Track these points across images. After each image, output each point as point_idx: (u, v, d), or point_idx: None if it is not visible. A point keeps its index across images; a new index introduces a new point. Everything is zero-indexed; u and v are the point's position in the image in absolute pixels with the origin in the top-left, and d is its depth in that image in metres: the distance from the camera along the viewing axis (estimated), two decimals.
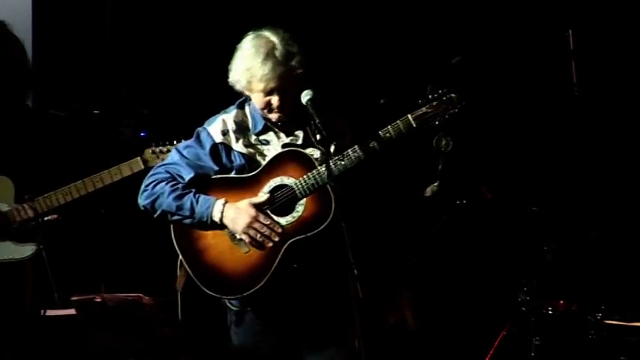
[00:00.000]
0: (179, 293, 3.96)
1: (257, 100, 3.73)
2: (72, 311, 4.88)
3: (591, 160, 5.49)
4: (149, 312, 4.88)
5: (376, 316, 5.37)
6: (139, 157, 4.47)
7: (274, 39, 3.70)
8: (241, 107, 3.84)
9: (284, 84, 3.68)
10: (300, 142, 3.79)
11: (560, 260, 4.91)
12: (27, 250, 4.35)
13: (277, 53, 3.67)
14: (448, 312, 5.55)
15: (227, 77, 3.78)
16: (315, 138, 3.71)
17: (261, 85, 3.68)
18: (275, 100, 3.70)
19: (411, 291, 5.47)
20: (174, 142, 4.49)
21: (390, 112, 3.86)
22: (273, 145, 3.79)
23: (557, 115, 5.56)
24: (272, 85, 3.67)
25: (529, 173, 5.59)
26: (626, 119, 5.52)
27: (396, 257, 5.35)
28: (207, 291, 3.70)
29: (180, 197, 3.71)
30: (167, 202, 3.72)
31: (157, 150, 4.50)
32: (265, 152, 3.78)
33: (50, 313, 4.74)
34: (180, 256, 3.75)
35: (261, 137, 3.80)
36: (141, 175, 5.03)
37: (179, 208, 3.70)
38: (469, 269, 5.59)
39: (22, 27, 5.57)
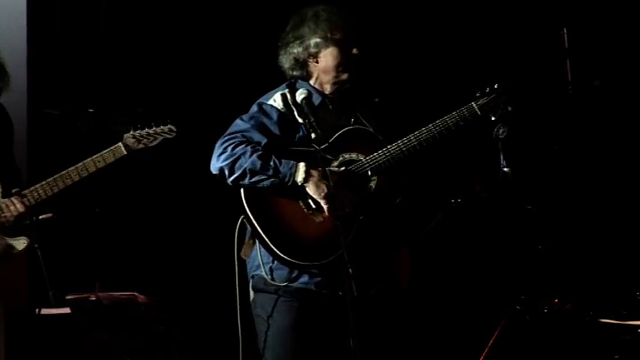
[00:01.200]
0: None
1: (333, 57, 3.81)
2: (67, 310, 4.89)
3: (586, 158, 5.49)
4: (144, 310, 4.88)
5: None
6: (120, 143, 4.43)
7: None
8: (291, 88, 3.85)
9: (358, 36, 3.79)
10: (352, 123, 3.86)
11: (555, 259, 4.91)
12: (19, 243, 4.33)
13: (344, 11, 3.83)
14: (443, 311, 5.55)
15: (225, 75, 3.77)
16: (365, 123, 3.82)
17: (343, 34, 3.78)
18: (355, 50, 3.79)
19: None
20: (153, 125, 4.46)
21: (385, 111, 3.87)
22: (328, 122, 3.81)
23: (552, 114, 5.56)
24: (353, 32, 3.79)
25: (523, 172, 5.59)
26: (622, 118, 5.52)
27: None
28: (284, 255, 3.67)
29: (263, 157, 3.68)
30: (251, 160, 3.67)
31: (137, 134, 4.46)
32: (322, 129, 3.74)
33: (45, 311, 4.75)
34: (255, 222, 3.69)
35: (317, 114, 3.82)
36: (135, 171, 5.05)
37: (263, 167, 3.67)
38: (463, 268, 5.59)
39: (17, 25, 5.58)
